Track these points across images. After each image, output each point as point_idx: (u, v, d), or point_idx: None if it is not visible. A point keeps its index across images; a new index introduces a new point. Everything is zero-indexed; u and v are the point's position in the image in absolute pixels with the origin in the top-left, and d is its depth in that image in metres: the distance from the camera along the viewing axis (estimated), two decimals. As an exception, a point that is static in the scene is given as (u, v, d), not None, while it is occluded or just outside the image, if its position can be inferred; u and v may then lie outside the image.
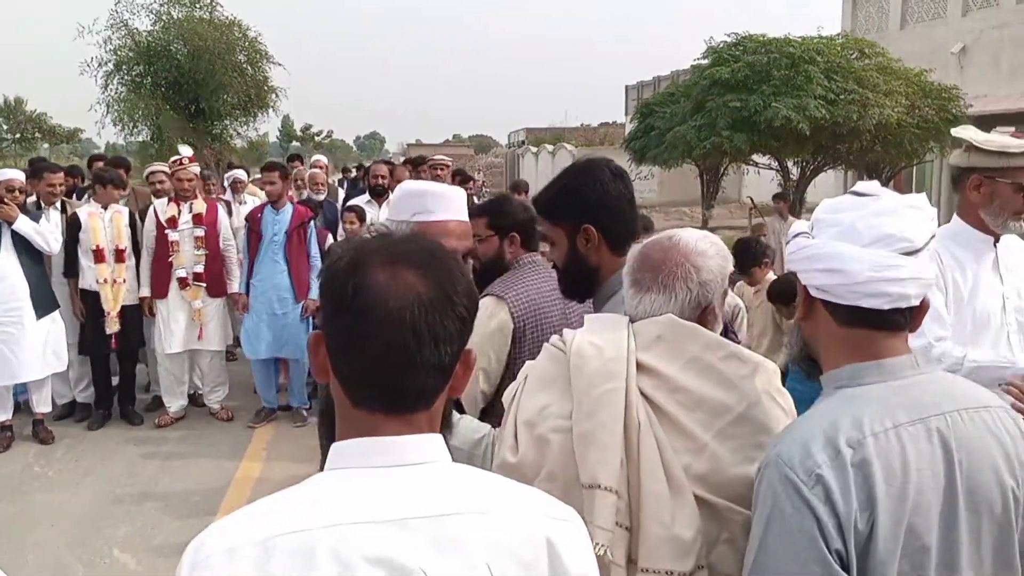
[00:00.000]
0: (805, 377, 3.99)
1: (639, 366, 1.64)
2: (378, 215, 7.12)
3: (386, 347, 1.04)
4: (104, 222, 6.69)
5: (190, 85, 23.85)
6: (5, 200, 6.06)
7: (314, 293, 6.65)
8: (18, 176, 6.36)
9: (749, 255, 5.55)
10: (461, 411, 2.22)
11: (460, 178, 9.85)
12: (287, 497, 1.06)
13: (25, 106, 57.62)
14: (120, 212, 6.83)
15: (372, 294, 1.04)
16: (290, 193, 7.93)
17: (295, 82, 27.42)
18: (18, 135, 55.61)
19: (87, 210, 6.75)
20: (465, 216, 2.26)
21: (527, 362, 1.83)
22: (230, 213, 7.64)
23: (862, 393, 1.40)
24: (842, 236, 1.43)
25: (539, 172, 33.67)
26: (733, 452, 1.58)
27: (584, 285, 2.16)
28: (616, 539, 1.52)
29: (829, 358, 1.48)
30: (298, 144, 61.35)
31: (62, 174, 6.99)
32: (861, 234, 1.41)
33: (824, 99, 14.71)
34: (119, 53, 23.84)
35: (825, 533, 1.28)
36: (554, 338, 1.78)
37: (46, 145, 55.90)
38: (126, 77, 24.16)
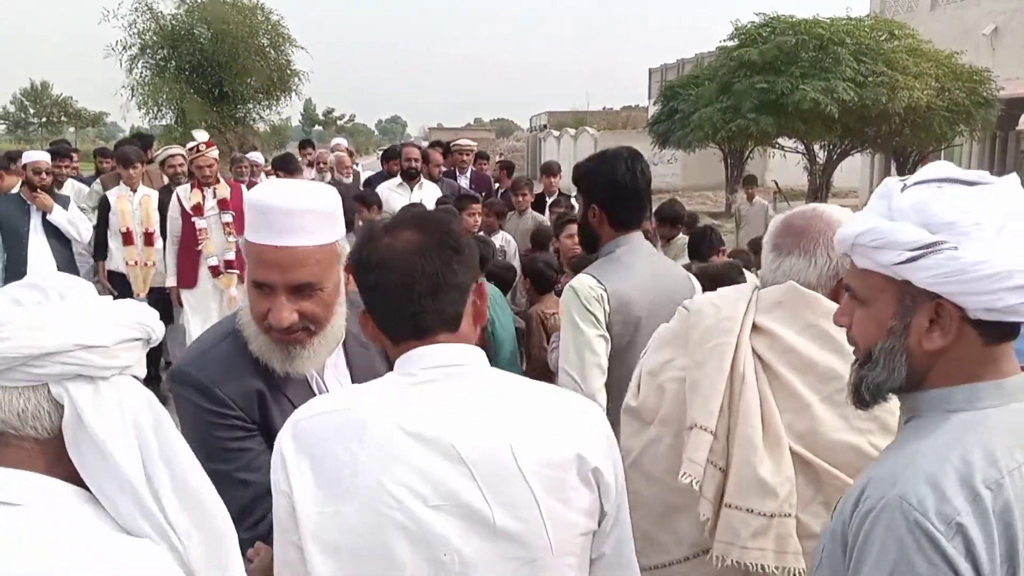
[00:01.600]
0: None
1: (756, 327, 1.75)
2: (409, 200, 7.02)
3: (403, 286, 1.30)
4: (133, 204, 6.63)
5: (213, 69, 23.95)
6: (38, 188, 6.08)
7: None
8: (44, 157, 6.36)
9: (706, 243, 5.56)
10: None
11: (482, 163, 9.80)
12: (362, 387, 1.35)
13: (51, 90, 58.25)
14: (149, 195, 6.75)
15: (382, 251, 1.32)
16: (312, 176, 7.88)
17: (318, 66, 27.39)
18: (44, 119, 56.24)
19: (116, 192, 6.67)
20: (300, 241, 1.60)
21: (661, 325, 2.05)
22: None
23: (983, 419, 1.18)
24: (1007, 242, 1.14)
25: (561, 156, 33.53)
26: (839, 418, 1.64)
27: (589, 244, 2.69)
28: (708, 477, 1.67)
29: (943, 379, 1.22)
30: (320, 128, 61.52)
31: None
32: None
33: (853, 81, 14.54)
34: (143, 37, 23.98)
35: None
36: (685, 301, 2.00)
37: (72, 129, 56.46)
38: (150, 61, 24.31)
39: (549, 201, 7.30)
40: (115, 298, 1.29)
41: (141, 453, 1.08)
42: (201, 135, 6.68)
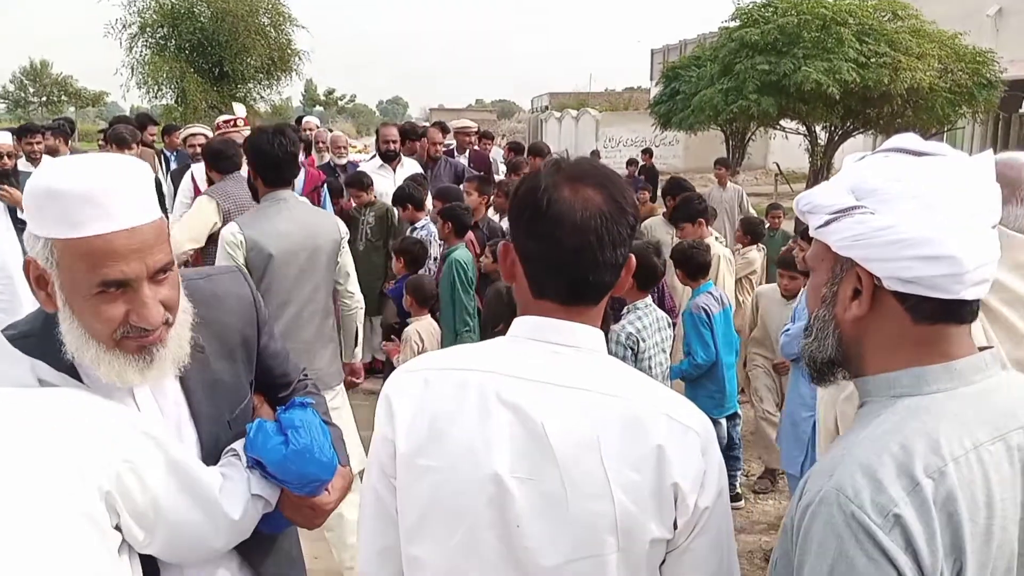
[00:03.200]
0: (811, 381, 3.86)
1: None
2: (393, 181, 6.96)
3: (575, 249, 1.24)
4: None
5: (214, 48, 23.87)
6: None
7: None
8: (4, 139, 5.79)
9: (692, 208, 5.36)
10: None
11: (482, 138, 9.82)
12: (470, 347, 1.36)
13: (51, 69, 58.00)
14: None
15: (562, 205, 1.24)
16: (311, 157, 7.79)
17: (318, 46, 27.29)
18: (44, 98, 56.02)
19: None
20: (145, 218, 1.36)
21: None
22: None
23: (929, 404, 1.12)
24: (928, 211, 1.10)
25: (562, 137, 33.44)
26: None
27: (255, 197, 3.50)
28: None
29: (883, 360, 1.18)
30: (321, 108, 61.31)
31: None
32: (955, 208, 1.10)
33: (855, 62, 14.48)
34: (143, 15, 23.90)
35: None
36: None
37: (72, 108, 56.23)
38: (150, 40, 24.23)
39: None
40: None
41: None
42: (240, 109, 6.42)
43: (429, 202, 6.22)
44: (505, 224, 6.23)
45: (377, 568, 1.36)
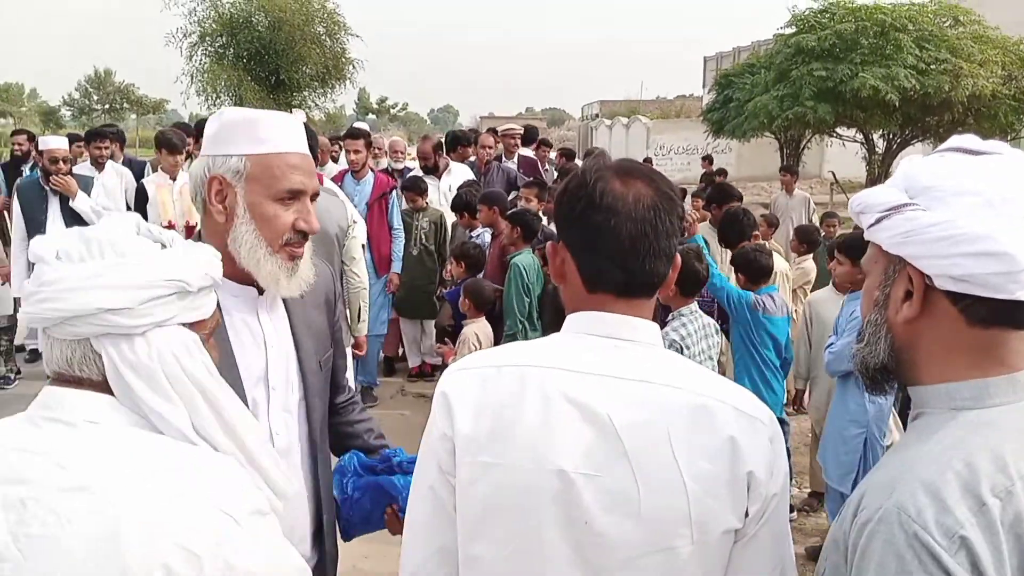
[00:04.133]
0: (865, 390, 3.65)
1: None
2: (438, 188, 6.96)
3: (631, 238, 1.26)
4: (173, 194, 5.97)
5: (270, 56, 24.33)
6: (53, 175, 5.82)
7: (396, 266, 6.37)
8: (61, 144, 6.06)
9: (736, 230, 5.14)
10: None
11: (538, 144, 9.82)
12: (527, 344, 1.36)
13: (114, 77, 59.70)
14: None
15: (616, 196, 1.27)
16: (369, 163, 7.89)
17: (372, 54, 27.63)
18: (107, 106, 57.67)
19: (155, 181, 6.05)
20: (306, 148, 1.76)
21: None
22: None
23: (993, 419, 1.07)
24: (981, 207, 1.06)
25: (612, 145, 33.31)
26: None
27: None
28: None
29: (939, 368, 1.13)
30: (374, 116, 62.04)
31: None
32: (1010, 205, 1.06)
33: (915, 69, 14.16)
34: (203, 24, 24.46)
35: None
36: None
37: (133, 116, 57.72)
38: (209, 48, 24.79)
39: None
40: None
41: (182, 397, 1.18)
42: (299, 115, 6.46)
43: None
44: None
45: (435, 568, 1.34)
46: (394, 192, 6.53)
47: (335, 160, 8.27)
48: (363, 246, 6.08)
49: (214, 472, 1.14)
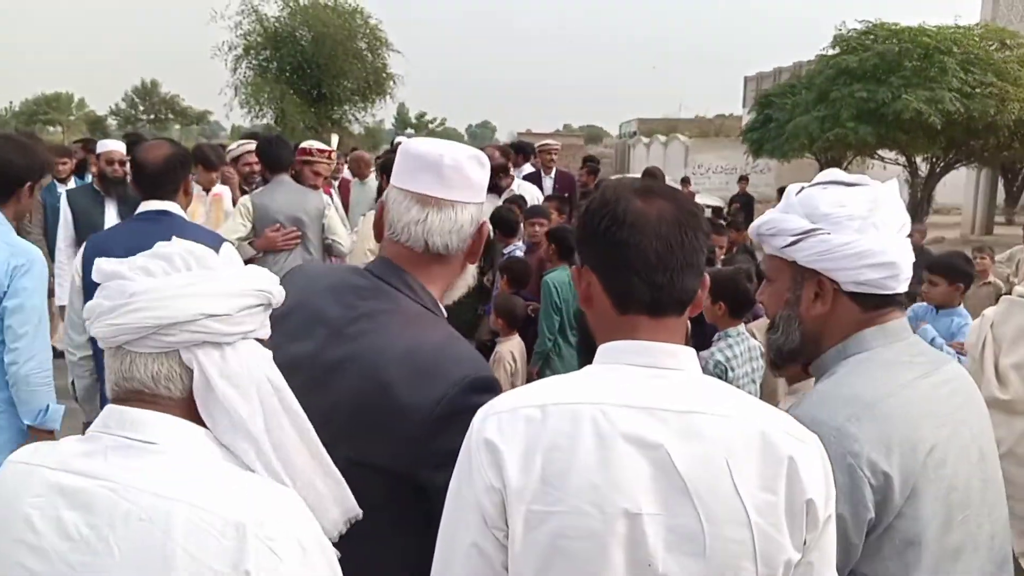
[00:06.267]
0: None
1: None
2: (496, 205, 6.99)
3: (657, 253, 1.26)
4: (205, 206, 5.83)
5: (313, 70, 24.71)
6: (110, 175, 5.78)
7: None
8: (118, 147, 5.99)
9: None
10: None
11: (589, 167, 9.74)
12: (563, 379, 1.31)
13: (160, 88, 60.97)
14: (221, 194, 5.99)
15: (639, 215, 1.27)
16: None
17: (411, 69, 27.95)
18: (152, 116, 58.89)
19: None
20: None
21: (986, 311, 2.33)
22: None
23: (872, 356, 1.51)
24: (872, 228, 1.48)
25: (650, 163, 33.21)
26: None
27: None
28: None
29: (835, 342, 1.55)
30: (412, 131, 62.57)
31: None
32: (888, 225, 1.49)
33: (959, 92, 13.96)
34: (248, 38, 24.95)
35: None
36: (1019, 289, 2.25)
37: (177, 126, 58.83)
38: (253, 61, 25.27)
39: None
40: None
41: (264, 409, 1.18)
42: (333, 141, 6.37)
43: None
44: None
45: None
46: None
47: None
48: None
49: (278, 502, 1.12)
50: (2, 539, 1.08)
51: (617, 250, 1.27)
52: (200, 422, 1.17)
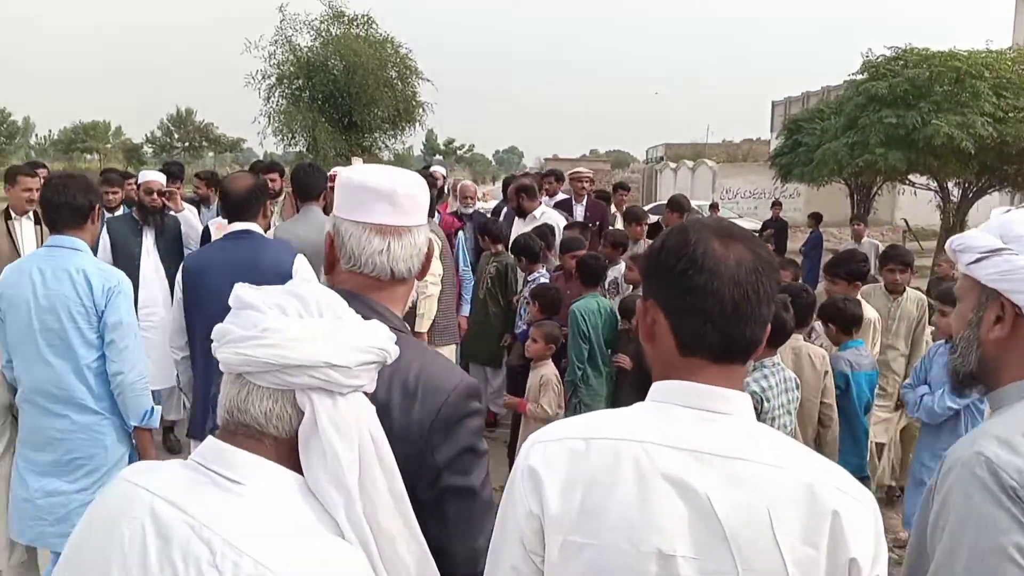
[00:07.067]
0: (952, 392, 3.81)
1: None
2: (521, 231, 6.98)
3: (734, 301, 1.23)
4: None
5: (344, 99, 25.05)
6: (148, 204, 5.87)
7: (465, 310, 6.47)
8: (158, 178, 6.15)
9: (854, 269, 5.00)
10: None
11: (622, 190, 9.73)
12: (611, 414, 1.31)
13: (194, 116, 62.10)
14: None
15: (718, 258, 1.24)
16: (445, 203, 7.90)
17: (441, 98, 28.26)
18: (187, 143, 59.94)
19: (216, 223, 5.77)
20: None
21: None
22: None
23: None
24: None
25: (677, 189, 33.23)
26: None
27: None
28: None
29: (1015, 372, 1.44)
30: (440, 157, 63.12)
31: (38, 179, 5.85)
32: None
33: (991, 116, 13.87)
34: (281, 68, 25.39)
35: None
36: None
37: (211, 154, 59.77)
38: (287, 90, 25.68)
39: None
40: None
41: (361, 462, 1.20)
42: (357, 163, 6.44)
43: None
44: (616, 271, 6.20)
45: None
46: (460, 234, 6.60)
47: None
48: None
49: (344, 570, 1.13)
50: (101, 552, 1.12)
51: (692, 295, 1.24)
52: (294, 467, 1.18)
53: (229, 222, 3.78)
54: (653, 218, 8.30)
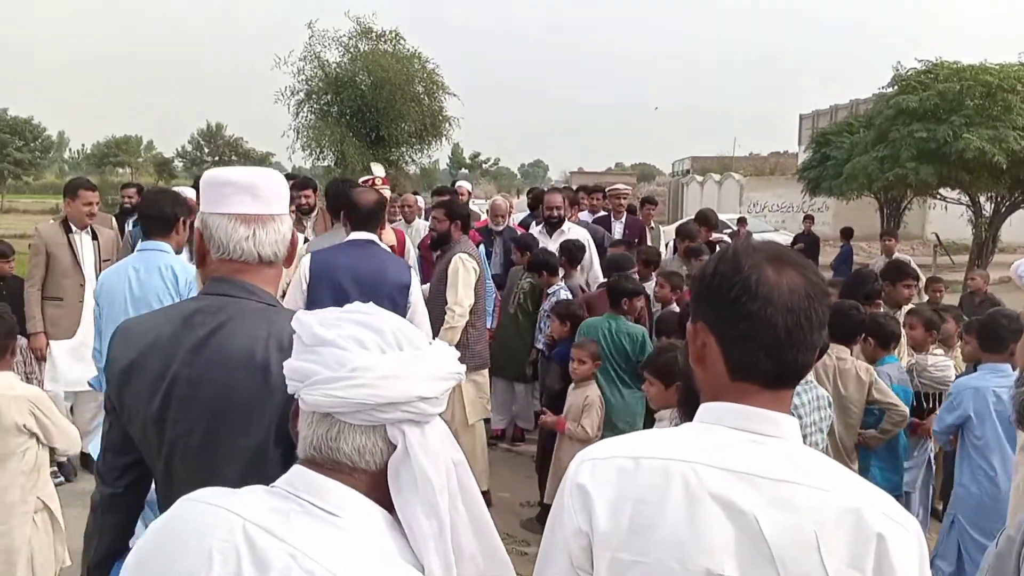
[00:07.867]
0: (1017, 425, 3.83)
1: None
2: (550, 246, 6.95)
3: (787, 328, 1.23)
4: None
5: (372, 114, 25.22)
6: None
7: (489, 322, 6.39)
8: (186, 194, 6.01)
9: (869, 290, 5.25)
10: None
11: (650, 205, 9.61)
12: (662, 434, 1.34)
13: (225, 131, 62.87)
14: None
15: (771, 285, 1.24)
16: (484, 220, 7.79)
17: (467, 112, 28.39)
18: (217, 158, 60.67)
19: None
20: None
21: None
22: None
23: None
24: None
25: (704, 202, 33.07)
26: None
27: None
28: None
29: None
30: (466, 171, 63.37)
31: (97, 194, 6.01)
32: None
33: (1024, 130, 13.69)
34: (310, 83, 25.62)
35: None
36: None
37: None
38: (315, 106, 25.91)
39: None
40: None
41: (448, 486, 1.21)
42: (378, 169, 6.31)
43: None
44: (649, 286, 6.18)
45: None
46: (480, 248, 6.56)
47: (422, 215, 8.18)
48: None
49: None
50: (177, 567, 1.09)
51: (746, 322, 1.24)
52: (378, 499, 1.18)
53: (354, 230, 4.06)
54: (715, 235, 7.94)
